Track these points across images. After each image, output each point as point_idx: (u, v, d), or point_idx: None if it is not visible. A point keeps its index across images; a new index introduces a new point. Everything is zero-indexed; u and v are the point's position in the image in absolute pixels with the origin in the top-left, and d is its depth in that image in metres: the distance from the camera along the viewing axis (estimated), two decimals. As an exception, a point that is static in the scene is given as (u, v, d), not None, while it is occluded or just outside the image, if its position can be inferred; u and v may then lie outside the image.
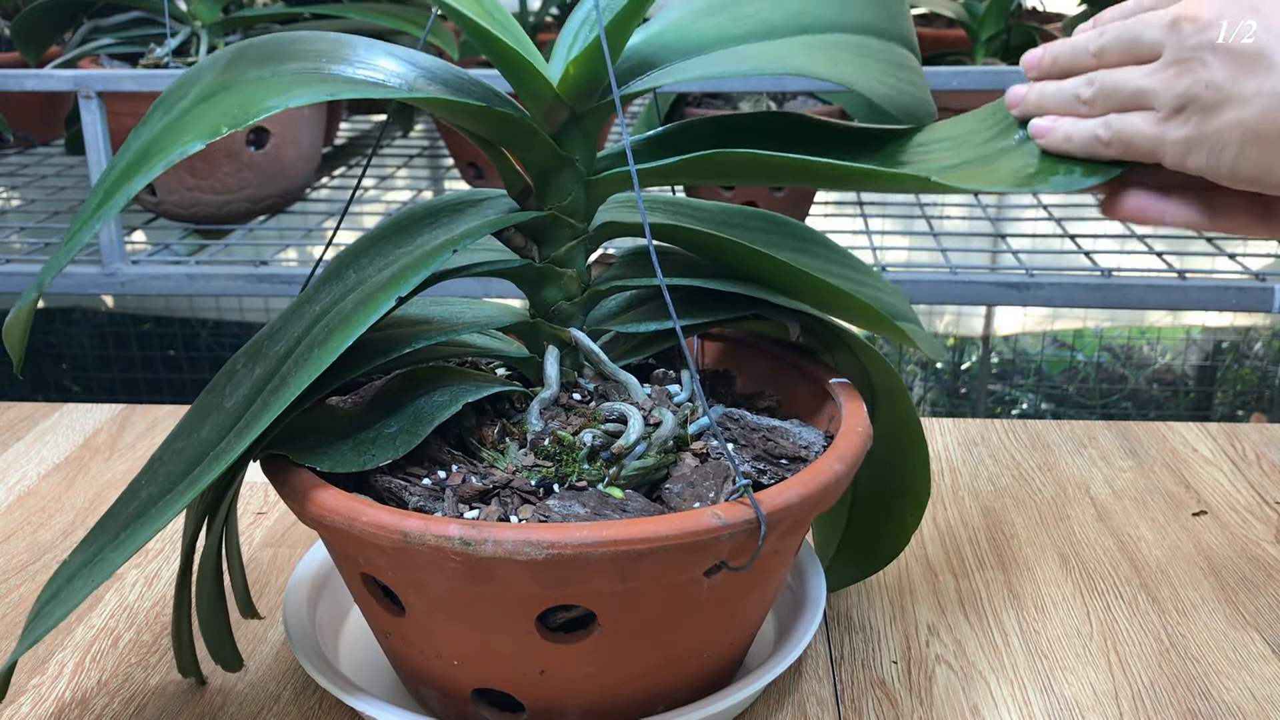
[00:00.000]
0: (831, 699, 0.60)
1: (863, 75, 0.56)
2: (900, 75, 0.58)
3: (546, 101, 0.53)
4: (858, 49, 0.58)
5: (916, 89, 0.59)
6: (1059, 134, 0.52)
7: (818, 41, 0.57)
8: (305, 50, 0.51)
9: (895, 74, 0.58)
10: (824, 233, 0.65)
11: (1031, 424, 0.92)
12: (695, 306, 0.57)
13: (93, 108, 1.19)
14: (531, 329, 0.58)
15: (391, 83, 0.52)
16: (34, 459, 0.87)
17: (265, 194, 1.38)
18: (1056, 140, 0.52)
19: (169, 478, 0.49)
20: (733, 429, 0.55)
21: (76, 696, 0.61)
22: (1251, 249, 1.34)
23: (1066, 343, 2.36)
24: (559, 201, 0.55)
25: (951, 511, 0.79)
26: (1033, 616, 0.67)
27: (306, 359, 0.48)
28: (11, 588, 0.71)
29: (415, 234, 0.56)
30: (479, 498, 0.51)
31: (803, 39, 0.58)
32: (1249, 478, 0.83)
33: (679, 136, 0.58)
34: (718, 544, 0.47)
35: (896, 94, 0.57)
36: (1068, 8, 1.75)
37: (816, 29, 0.58)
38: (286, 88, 0.47)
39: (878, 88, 0.56)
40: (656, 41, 0.57)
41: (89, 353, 2.23)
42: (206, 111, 0.46)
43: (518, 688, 0.52)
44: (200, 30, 1.40)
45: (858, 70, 0.56)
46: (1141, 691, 0.61)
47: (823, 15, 0.59)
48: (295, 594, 0.62)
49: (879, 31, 0.59)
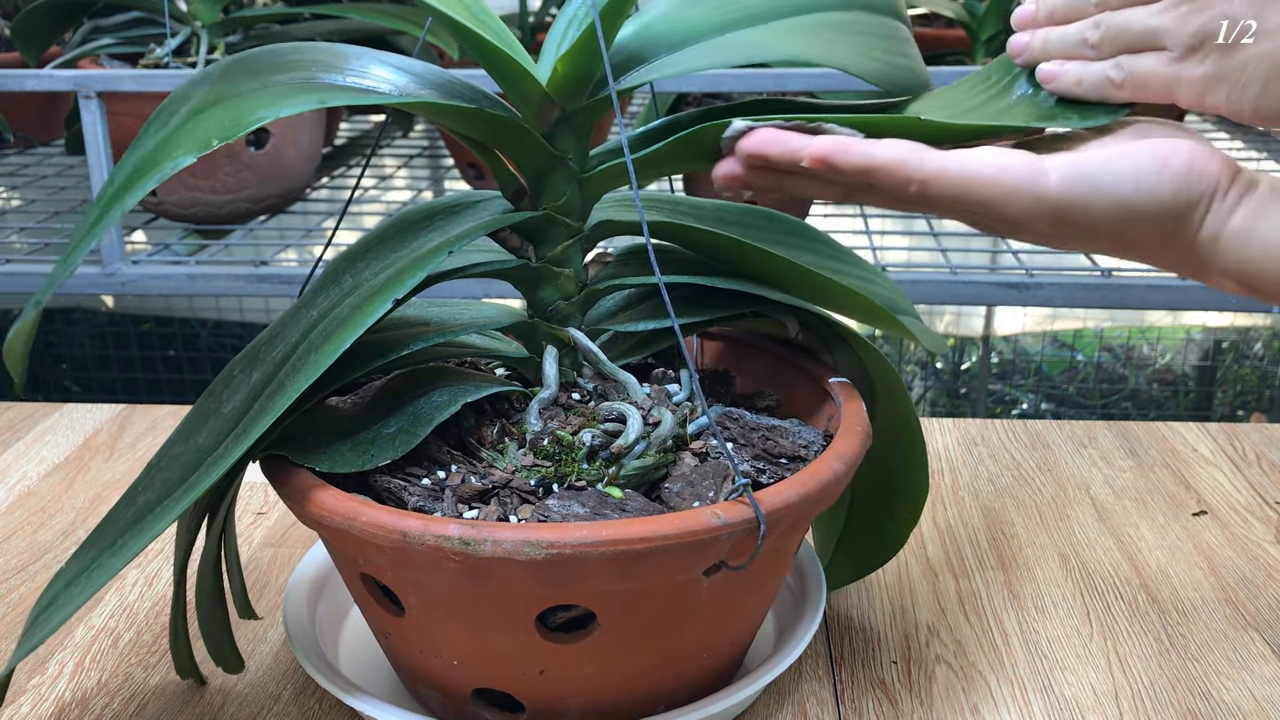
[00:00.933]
0: (831, 699, 0.60)
1: (855, 55, 0.56)
2: (892, 48, 0.58)
3: (537, 101, 0.53)
4: (849, 26, 0.58)
5: (909, 59, 0.59)
6: (1069, 77, 0.51)
7: (808, 22, 0.57)
8: (298, 61, 0.52)
9: (887, 47, 0.58)
10: (824, 233, 0.65)
11: (1031, 424, 0.92)
12: (694, 305, 0.57)
13: (93, 108, 1.19)
14: (530, 329, 0.58)
15: (382, 89, 0.52)
16: (34, 459, 0.87)
17: (265, 194, 1.38)
18: (1067, 84, 0.52)
19: (166, 484, 0.49)
20: (732, 428, 0.55)
21: (76, 697, 0.61)
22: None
23: (1066, 343, 2.36)
24: (553, 201, 0.55)
25: (951, 511, 0.79)
26: (1033, 616, 0.67)
27: (304, 363, 0.48)
28: (11, 588, 0.71)
29: (411, 237, 0.56)
30: (478, 498, 0.51)
31: (792, 21, 0.57)
32: (1249, 478, 0.83)
33: (670, 128, 0.58)
34: (717, 544, 0.47)
35: (890, 69, 0.57)
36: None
37: (806, 9, 0.58)
38: (277, 98, 0.47)
39: (870, 65, 0.56)
40: (644, 35, 0.57)
41: (89, 353, 2.23)
42: (198, 125, 0.47)
43: (518, 688, 0.52)
44: (200, 30, 1.40)
45: (849, 49, 0.56)
46: (1141, 691, 0.61)
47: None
48: (295, 594, 0.62)
49: (868, 5, 0.59)
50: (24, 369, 0.49)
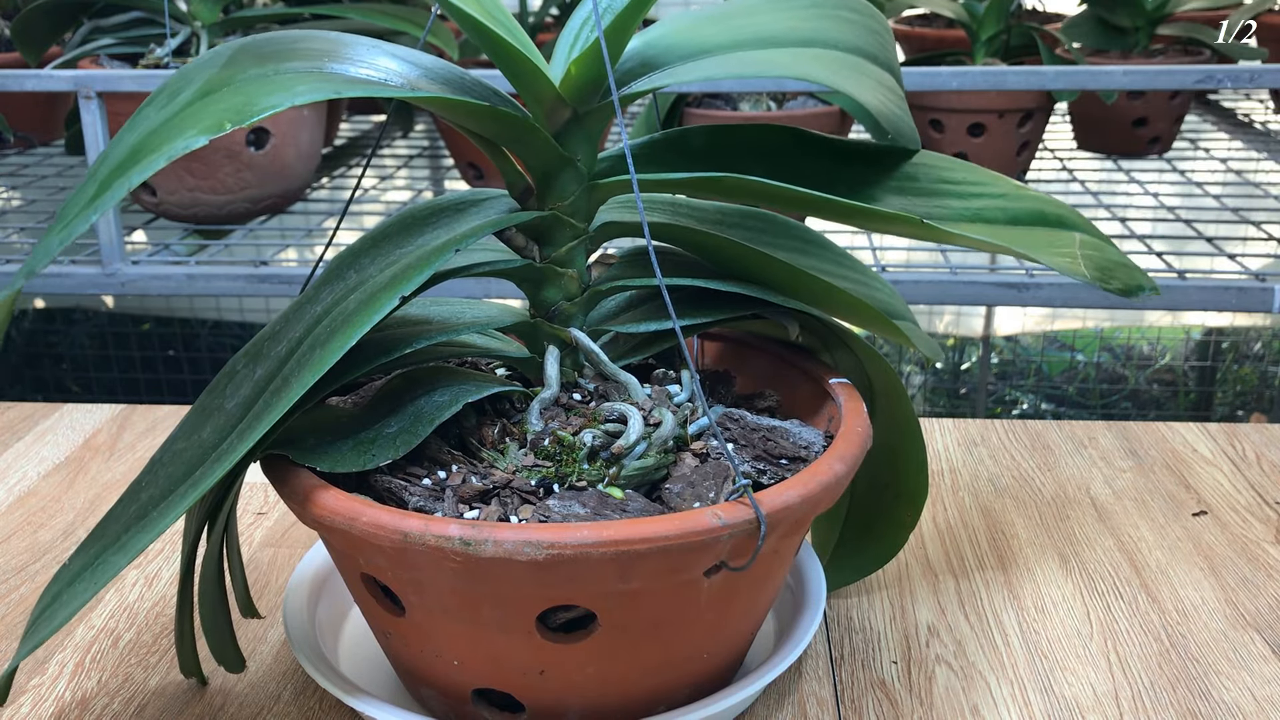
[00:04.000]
0: (831, 699, 0.60)
1: (860, 89, 0.57)
2: (889, 97, 0.59)
3: (548, 102, 0.53)
4: (856, 67, 0.59)
5: (903, 113, 0.61)
6: None
7: (816, 54, 0.58)
8: (306, 49, 0.51)
9: (886, 94, 0.59)
10: (824, 233, 0.65)
11: (1031, 424, 0.92)
12: (695, 306, 0.57)
13: (93, 108, 1.19)
14: (532, 329, 0.58)
15: (393, 82, 0.52)
16: (34, 459, 0.87)
17: (265, 194, 1.38)
18: None
19: (170, 480, 0.49)
20: (732, 429, 0.55)
21: (76, 697, 0.61)
22: (1251, 249, 1.34)
23: (1066, 343, 2.36)
24: (560, 201, 0.55)
25: (951, 511, 0.79)
26: (1033, 616, 0.67)
27: (309, 359, 0.48)
28: (12, 588, 0.71)
29: (416, 234, 0.56)
30: (479, 498, 0.51)
31: (802, 50, 0.58)
32: (1249, 478, 0.83)
33: (678, 142, 0.59)
34: (718, 544, 0.47)
35: (889, 111, 0.58)
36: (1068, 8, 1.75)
37: (815, 44, 0.59)
38: (289, 86, 0.47)
39: (873, 100, 0.57)
40: (659, 44, 0.58)
41: (89, 353, 2.23)
42: (208, 107, 0.46)
43: (518, 688, 0.52)
44: (200, 30, 1.40)
45: (855, 83, 0.57)
46: (1141, 691, 0.61)
47: (820, 32, 0.60)
48: (295, 594, 0.62)
49: (871, 56, 0.61)
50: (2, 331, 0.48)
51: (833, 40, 0.60)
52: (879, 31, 0.63)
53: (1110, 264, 0.57)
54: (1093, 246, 0.58)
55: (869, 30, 0.62)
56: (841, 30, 0.61)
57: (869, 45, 0.61)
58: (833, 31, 0.60)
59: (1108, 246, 0.59)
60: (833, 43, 0.60)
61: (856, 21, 0.62)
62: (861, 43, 0.61)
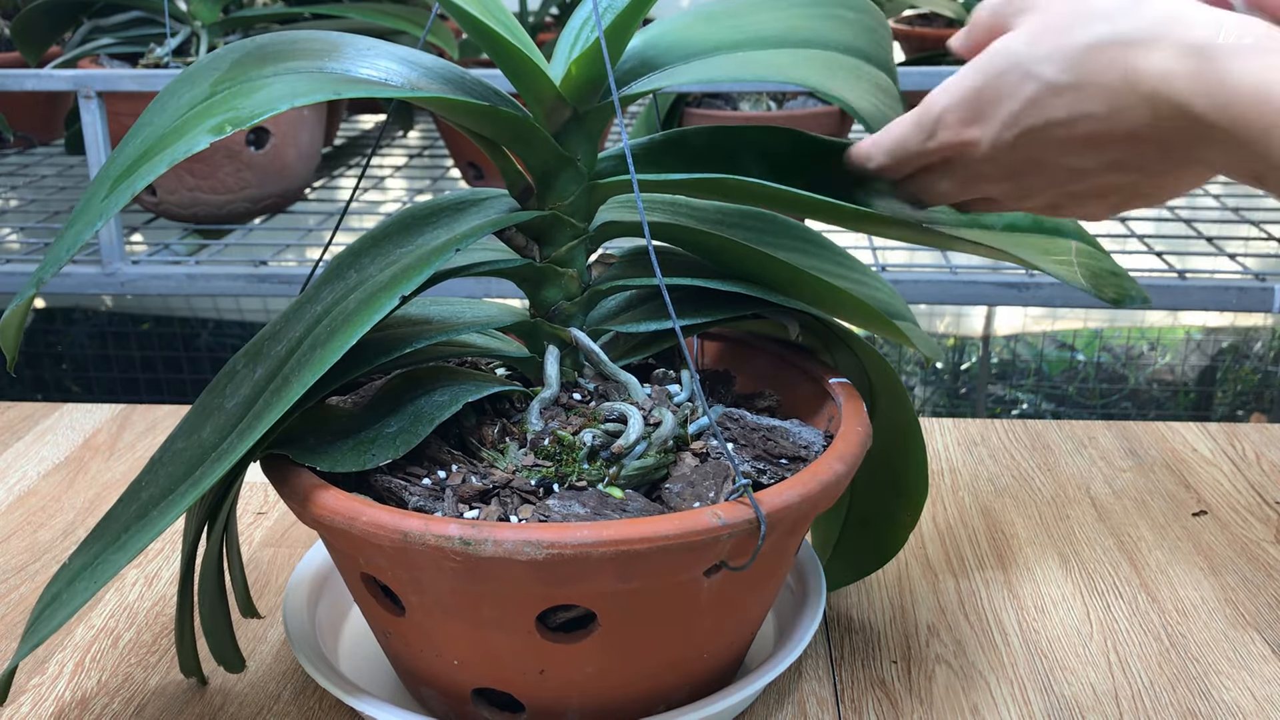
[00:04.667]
0: (831, 699, 0.60)
1: (855, 92, 0.58)
2: (884, 100, 0.60)
3: (548, 101, 0.53)
4: (853, 70, 0.60)
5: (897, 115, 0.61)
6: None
7: (814, 55, 0.59)
8: (307, 50, 0.51)
9: (880, 97, 0.60)
10: (823, 233, 0.66)
11: (1031, 424, 0.92)
12: (695, 306, 0.57)
13: (93, 108, 1.19)
14: (532, 329, 0.58)
15: (394, 82, 0.52)
16: (34, 459, 0.87)
17: (265, 194, 1.38)
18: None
19: (170, 479, 0.49)
20: (732, 429, 0.55)
21: (76, 697, 0.61)
22: (1251, 249, 1.34)
23: (1066, 343, 2.36)
24: (560, 201, 0.55)
25: (951, 511, 0.79)
26: (1032, 616, 0.67)
27: (309, 358, 0.48)
28: (12, 587, 0.71)
29: (417, 233, 0.56)
30: (479, 497, 0.51)
31: (800, 52, 0.58)
32: (1249, 478, 0.83)
33: (678, 144, 0.59)
34: (718, 544, 0.47)
35: (880, 115, 0.58)
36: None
37: (814, 45, 0.59)
38: (291, 87, 0.47)
39: (867, 106, 0.57)
40: (659, 43, 0.58)
41: (89, 353, 2.23)
42: (211, 109, 0.46)
43: (518, 688, 0.52)
44: (200, 30, 1.40)
45: (850, 87, 0.58)
46: (1141, 691, 0.61)
47: (819, 33, 0.60)
48: (295, 594, 0.62)
49: (867, 57, 0.61)
50: (15, 348, 0.49)
51: (832, 41, 0.60)
52: (876, 30, 0.63)
53: (1104, 272, 0.58)
54: (1088, 255, 0.59)
55: (867, 29, 0.62)
56: (841, 30, 0.61)
57: (867, 45, 0.61)
58: (832, 32, 0.60)
59: (1102, 255, 0.60)
60: (832, 44, 0.60)
61: (855, 21, 0.62)
62: (859, 44, 0.61)
